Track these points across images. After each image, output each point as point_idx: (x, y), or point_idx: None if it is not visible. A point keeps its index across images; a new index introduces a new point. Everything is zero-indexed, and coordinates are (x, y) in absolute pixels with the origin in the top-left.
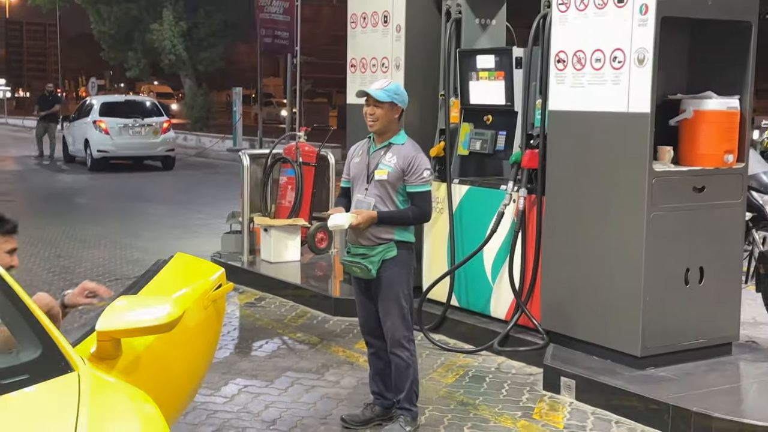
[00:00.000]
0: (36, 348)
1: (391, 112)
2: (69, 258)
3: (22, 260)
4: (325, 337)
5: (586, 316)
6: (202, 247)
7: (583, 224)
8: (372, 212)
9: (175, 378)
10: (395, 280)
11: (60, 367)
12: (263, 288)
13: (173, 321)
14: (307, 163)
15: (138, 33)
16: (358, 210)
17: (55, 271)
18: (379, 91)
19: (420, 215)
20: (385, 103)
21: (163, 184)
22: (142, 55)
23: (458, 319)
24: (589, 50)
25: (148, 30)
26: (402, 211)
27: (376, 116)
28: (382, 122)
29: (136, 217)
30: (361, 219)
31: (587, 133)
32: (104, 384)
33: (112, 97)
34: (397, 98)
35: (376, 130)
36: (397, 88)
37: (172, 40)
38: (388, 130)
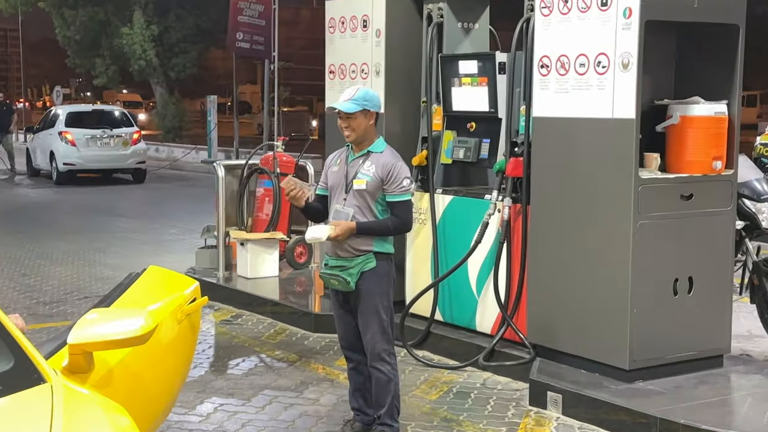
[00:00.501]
0: (8, 360)
1: (365, 120)
2: (35, 276)
3: None
4: (304, 354)
5: (573, 329)
6: (176, 263)
7: (568, 234)
8: (351, 223)
9: (149, 393)
10: (374, 292)
11: (33, 379)
12: (240, 305)
13: (146, 334)
14: (285, 173)
15: (105, 38)
16: (337, 221)
17: (21, 290)
18: (347, 103)
19: (400, 225)
20: (357, 113)
21: (133, 198)
22: (110, 62)
23: (442, 334)
24: (573, 55)
25: (117, 35)
26: (382, 221)
27: (351, 128)
28: (357, 132)
29: (105, 233)
30: (340, 231)
31: (572, 140)
32: (77, 395)
33: (79, 106)
34: (368, 104)
35: (353, 141)
36: (366, 94)
37: (141, 45)
38: (365, 138)
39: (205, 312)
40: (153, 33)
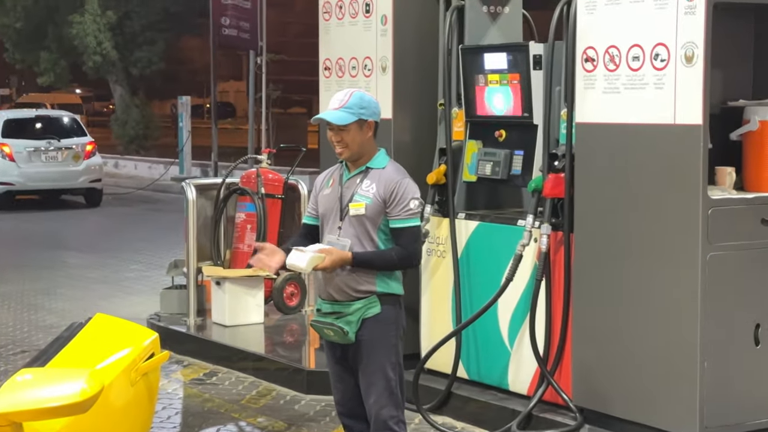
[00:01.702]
0: None
1: (361, 133)
2: None
3: None
4: (294, 421)
5: (629, 389)
6: (137, 307)
7: (621, 269)
8: (345, 252)
9: None
10: (379, 345)
11: None
12: (215, 360)
13: (89, 399)
14: (271, 195)
15: (53, 27)
16: (328, 248)
17: None
18: (338, 113)
19: (406, 258)
20: (351, 124)
21: (86, 226)
22: (58, 56)
23: (467, 396)
24: (625, 46)
25: (66, 23)
26: (384, 251)
27: (344, 143)
28: (351, 148)
29: (50, 271)
30: (329, 262)
31: (625, 152)
32: None
33: (19, 112)
34: (364, 112)
35: (348, 158)
36: (361, 100)
37: (96, 36)
38: (363, 153)
39: (171, 369)
40: (110, 20)
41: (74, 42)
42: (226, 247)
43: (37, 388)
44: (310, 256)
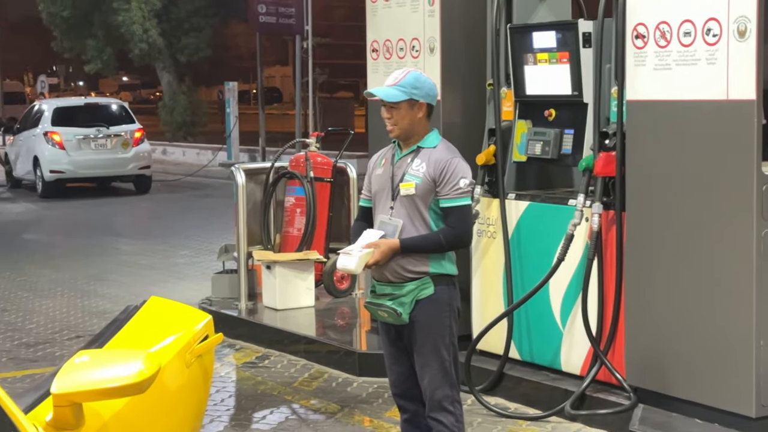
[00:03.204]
0: None
1: (411, 112)
2: (16, 312)
3: None
4: (347, 403)
5: (684, 368)
6: (188, 292)
7: (675, 247)
8: (392, 241)
9: None
10: (433, 326)
11: None
12: (267, 343)
13: (146, 380)
14: (320, 178)
15: (99, 14)
16: (374, 242)
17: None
18: (391, 90)
19: (455, 239)
20: (402, 103)
21: (136, 213)
22: (105, 44)
23: (519, 376)
24: (676, 21)
25: (112, 11)
26: (431, 235)
27: (393, 120)
28: (401, 126)
29: (102, 257)
30: (379, 256)
31: (677, 129)
32: None
33: (69, 100)
34: (417, 93)
35: (397, 136)
36: (416, 80)
37: (143, 23)
38: (413, 133)
39: (223, 353)
40: (155, 7)
41: (120, 30)
42: (275, 231)
43: (95, 370)
44: (358, 257)
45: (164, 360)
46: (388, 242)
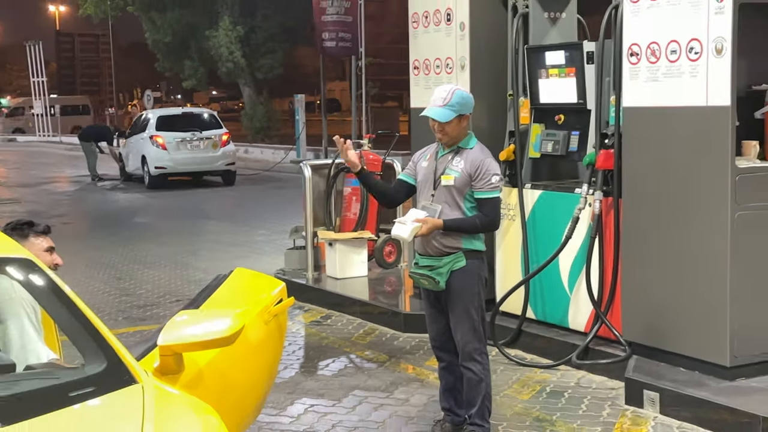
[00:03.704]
0: (101, 362)
1: (459, 125)
2: (129, 280)
3: (82, 284)
4: (394, 354)
5: (671, 325)
6: (266, 264)
7: (663, 227)
8: (437, 220)
9: (238, 393)
10: (465, 291)
11: (124, 380)
12: (329, 305)
13: (233, 335)
14: (372, 172)
15: (194, 40)
16: (422, 218)
17: (116, 294)
18: (442, 110)
19: (488, 223)
20: (452, 120)
21: (223, 201)
22: (198, 64)
23: (534, 333)
24: (664, 42)
25: (204, 37)
26: (469, 218)
27: (444, 132)
28: (451, 135)
29: (196, 236)
30: (425, 229)
31: (665, 130)
32: (168, 395)
33: (169, 110)
34: (464, 109)
35: (446, 143)
36: (461, 98)
37: (229, 47)
38: (458, 138)
39: (294, 313)
40: (239, 34)
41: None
42: (336, 215)
43: (192, 326)
44: (410, 228)
45: (247, 319)
46: (434, 220)
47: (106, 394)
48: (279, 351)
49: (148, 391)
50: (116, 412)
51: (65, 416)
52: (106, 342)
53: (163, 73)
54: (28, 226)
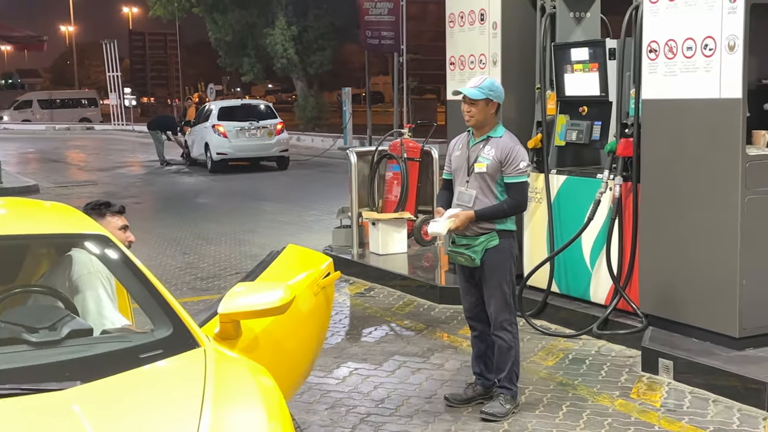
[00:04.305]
0: (168, 327)
1: (486, 108)
2: (193, 254)
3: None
4: (430, 323)
5: (684, 299)
6: (315, 241)
7: (678, 209)
8: (469, 213)
9: (290, 357)
10: (498, 267)
11: (189, 343)
12: (372, 279)
13: (286, 304)
14: (411, 158)
15: (252, 39)
16: (456, 214)
17: (182, 267)
18: (473, 90)
19: (515, 206)
20: (480, 101)
21: (278, 184)
22: (256, 60)
23: (558, 305)
24: (681, 39)
25: (262, 35)
26: (497, 205)
27: (472, 113)
28: (477, 118)
29: (253, 215)
30: (459, 223)
31: (681, 120)
32: (227, 358)
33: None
34: (492, 94)
35: (473, 125)
36: (492, 85)
37: (283, 45)
38: (486, 124)
39: (341, 285)
40: (293, 33)
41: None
42: (378, 197)
43: (249, 296)
44: (444, 223)
45: (298, 290)
46: (466, 213)
47: (172, 356)
48: (326, 320)
49: (209, 354)
50: (181, 372)
51: (136, 375)
52: (172, 309)
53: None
54: (105, 206)
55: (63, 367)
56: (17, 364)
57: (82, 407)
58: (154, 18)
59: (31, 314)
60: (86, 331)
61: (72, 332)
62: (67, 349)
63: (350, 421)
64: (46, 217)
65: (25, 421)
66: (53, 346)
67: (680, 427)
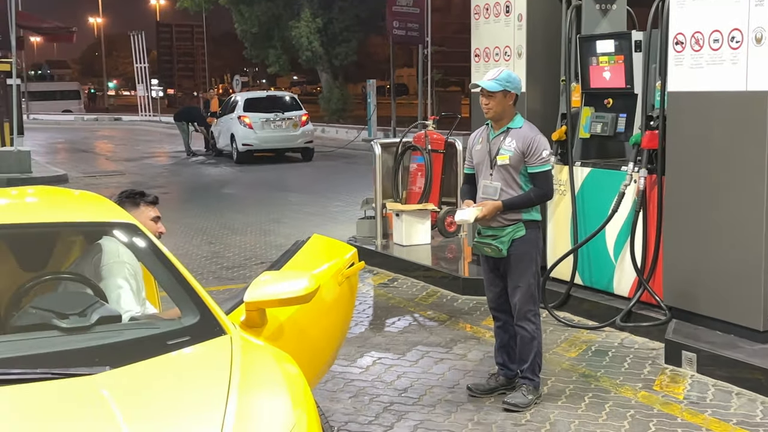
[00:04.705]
0: (195, 315)
1: (504, 100)
2: (219, 244)
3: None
4: (453, 314)
5: (708, 292)
6: (339, 232)
7: (703, 201)
8: (496, 203)
9: (314, 345)
10: (524, 258)
11: (215, 331)
12: (396, 269)
13: (310, 293)
14: (435, 150)
15: (278, 31)
16: (483, 202)
17: (207, 256)
18: (490, 82)
19: (542, 195)
20: (498, 92)
21: (302, 175)
22: (281, 52)
23: (582, 297)
24: (707, 31)
25: (287, 27)
26: (524, 195)
27: (490, 105)
28: (495, 110)
29: (278, 206)
30: (486, 211)
31: (706, 113)
32: (253, 346)
33: (255, 93)
34: (509, 85)
35: (491, 117)
36: (509, 76)
37: (308, 37)
38: (504, 116)
39: (364, 276)
40: (318, 25)
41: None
42: (402, 189)
43: (274, 285)
44: (471, 212)
45: (323, 280)
46: (494, 202)
47: (199, 343)
48: (350, 309)
49: (235, 341)
50: (207, 359)
51: (163, 362)
52: (199, 297)
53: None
54: (140, 196)
55: (92, 352)
56: (48, 350)
57: (110, 392)
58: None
59: (61, 300)
60: (115, 318)
61: (101, 318)
62: (96, 335)
63: (373, 410)
64: (76, 206)
65: (56, 404)
66: (83, 332)
67: (703, 420)
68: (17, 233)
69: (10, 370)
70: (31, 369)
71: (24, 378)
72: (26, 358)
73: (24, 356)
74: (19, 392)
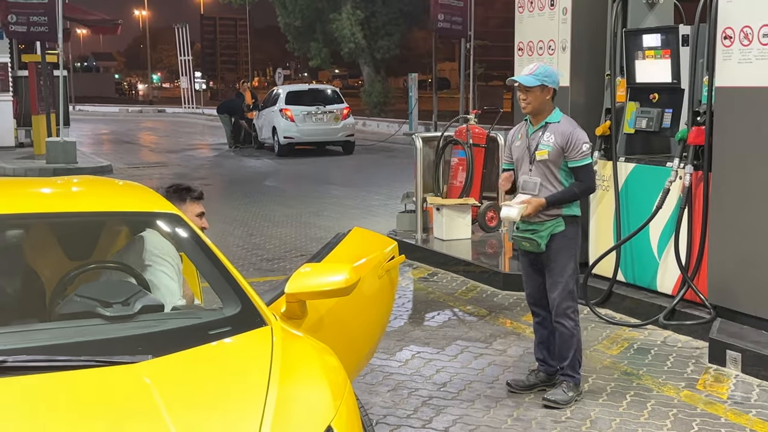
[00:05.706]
0: (236, 305)
1: (542, 95)
2: (260, 236)
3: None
4: (493, 309)
5: (755, 291)
6: (380, 225)
7: (751, 199)
8: (541, 200)
9: (354, 338)
10: (563, 253)
11: (256, 321)
12: (436, 264)
13: (350, 286)
14: (477, 144)
15: (320, 24)
16: (528, 200)
17: (248, 248)
18: (527, 77)
19: (585, 189)
20: (535, 87)
21: (343, 168)
22: (323, 45)
23: (624, 294)
24: (757, 26)
25: (329, 20)
26: (567, 190)
27: (528, 100)
28: (533, 105)
29: (319, 199)
30: (531, 209)
31: (755, 108)
32: (293, 337)
33: (297, 86)
34: (547, 80)
35: (529, 112)
36: (546, 71)
37: (351, 30)
38: (542, 110)
39: (404, 270)
40: (360, 18)
41: (335, 35)
42: (443, 183)
43: (315, 277)
44: (517, 209)
45: (363, 273)
46: (538, 200)
47: (240, 333)
48: (390, 303)
49: (276, 332)
50: (248, 349)
51: (205, 351)
52: (241, 288)
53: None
54: (186, 191)
55: (135, 341)
56: (92, 337)
57: (153, 380)
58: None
59: (105, 289)
60: (158, 307)
61: (144, 308)
62: (139, 324)
63: (412, 404)
64: (120, 196)
65: (99, 392)
66: (126, 321)
67: (747, 420)
68: (63, 222)
69: (55, 357)
70: (75, 356)
71: (68, 365)
72: (70, 345)
73: (68, 344)
74: (64, 379)
